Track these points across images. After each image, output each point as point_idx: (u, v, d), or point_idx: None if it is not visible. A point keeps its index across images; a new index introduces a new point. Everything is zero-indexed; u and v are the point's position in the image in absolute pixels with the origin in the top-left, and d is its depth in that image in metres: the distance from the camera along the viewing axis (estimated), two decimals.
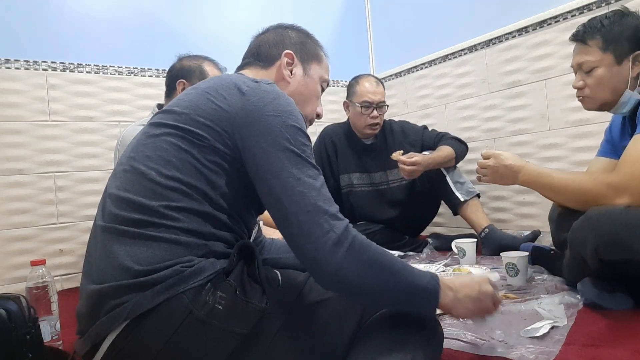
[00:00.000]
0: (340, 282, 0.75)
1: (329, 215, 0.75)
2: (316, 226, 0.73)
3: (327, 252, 0.73)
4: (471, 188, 2.10)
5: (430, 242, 2.21)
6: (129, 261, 0.72)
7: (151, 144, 0.81)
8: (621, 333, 1.03)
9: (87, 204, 2.14)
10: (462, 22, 2.47)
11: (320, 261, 0.73)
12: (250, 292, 0.74)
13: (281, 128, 0.79)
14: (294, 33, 1.04)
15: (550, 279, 1.48)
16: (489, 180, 1.36)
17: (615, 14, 1.26)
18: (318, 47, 1.06)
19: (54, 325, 1.24)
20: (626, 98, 1.23)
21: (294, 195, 0.75)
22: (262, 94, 0.83)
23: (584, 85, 1.30)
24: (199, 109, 0.82)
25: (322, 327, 0.81)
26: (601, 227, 1.07)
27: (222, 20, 2.52)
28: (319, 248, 0.73)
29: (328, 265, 0.73)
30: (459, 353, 0.98)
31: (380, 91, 2.20)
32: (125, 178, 0.80)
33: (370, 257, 0.75)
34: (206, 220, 0.78)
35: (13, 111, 1.99)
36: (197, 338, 0.70)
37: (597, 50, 1.25)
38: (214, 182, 0.79)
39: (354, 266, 0.74)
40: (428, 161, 2.05)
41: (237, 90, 0.83)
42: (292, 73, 1.00)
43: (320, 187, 0.77)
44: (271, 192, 0.77)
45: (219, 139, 0.80)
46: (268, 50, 1.01)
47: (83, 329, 0.74)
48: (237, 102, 0.82)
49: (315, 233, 0.73)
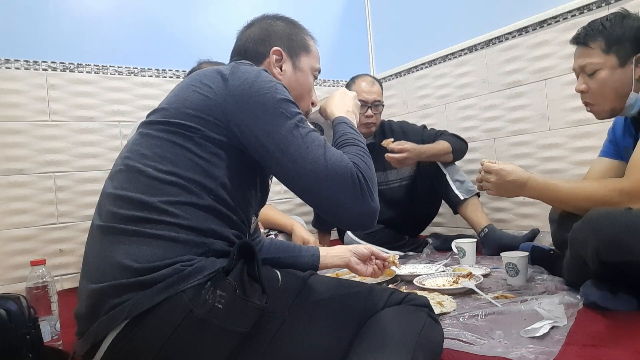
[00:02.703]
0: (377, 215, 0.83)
1: (344, 165, 0.81)
2: (346, 177, 0.80)
3: (366, 193, 0.81)
4: (471, 187, 2.10)
5: (430, 242, 2.21)
6: (128, 260, 0.71)
7: (145, 143, 0.81)
8: (621, 333, 1.03)
9: (87, 204, 2.13)
10: (462, 22, 2.47)
11: (365, 204, 0.81)
12: (250, 291, 0.74)
13: (273, 104, 0.82)
14: (280, 24, 1.03)
15: (550, 279, 1.48)
16: (493, 194, 1.34)
17: (616, 16, 1.25)
18: (306, 36, 1.05)
19: (54, 325, 1.24)
20: (632, 100, 1.22)
21: (307, 165, 0.79)
22: (243, 74, 0.84)
23: (587, 88, 1.28)
24: (186, 101, 0.83)
25: (322, 326, 0.81)
26: (602, 228, 1.07)
27: (222, 20, 2.51)
28: (358, 194, 0.80)
29: (372, 206, 0.82)
30: (459, 353, 0.98)
31: (376, 90, 2.19)
32: (122, 177, 0.80)
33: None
34: (207, 213, 0.78)
35: (13, 111, 1.99)
36: (197, 337, 0.70)
37: (600, 52, 1.23)
38: (211, 173, 0.80)
39: None
40: (419, 150, 2.03)
41: (220, 77, 0.84)
42: (282, 70, 1.00)
43: (326, 147, 0.82)
44: (286, 170, 0.81)
45: (213, 127, 0.81)
46: (255, 47, 1.01)
47: (82, 329, 0.74)
48: (222, 89, 0.83)
49: (348, 182, 0.80)
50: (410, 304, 0.86)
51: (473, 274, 1.51)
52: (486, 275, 1.60)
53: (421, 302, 0.88)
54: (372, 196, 0.82)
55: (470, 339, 1.03)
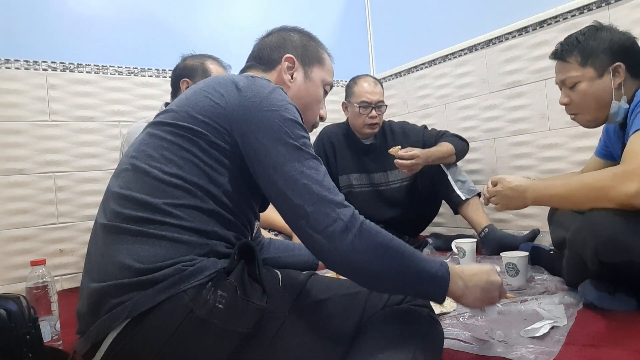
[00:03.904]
0: (351, 267, 0.77)
1: (334, 204, 0.76)
2: (323, 216, 0.75)
3: (336, 239, 0.74)
4: (472, 187, 2.11)
5: (430, 242, 2.21)
6: (130, 259, 0.72)
7: (152, 143, 0.82)
8: (621, 333, 1.03)
9: (87, 204, 2.14)
10: (462, 22, 2.47)
11: (331, 249, 0.75)
12: (251, 292, 0.74)
13: (279, 122, 0.80)
14: (296, 36, 1.04)
15: (550, 279, 1.48)
16: (500, 207, 1.35)
17: (590, 30, 1.30)
18: (321, 49, 1.06)
19: (54, 325, 1.24)
20: (615, 109, 1.25)
21: (298, 188, 0.76)
22: (257, 89, 0.84)
23: (570, 101, 1.32)
24: (197, 106, 0.83)
25: (322, 326, 0.81)
26: (600, 228, 1.07)
27: (222, 20, 2.52)
28: (328, 236, 0.75)
29: (338, 251, 0.75)
30: (459, 353, 0.98)
31: (379, 91, 2.20)
32: (128, 177, 0.80)
33: (379, 242, 0.77)
34: (210, 217, 0.78)
35: (13, 111, 1.99)
36: (197, 337, 0.70)
37: (577, 66, 1.28)
38: (216, 179, 0.80)
39: (363, 251, 0.75)
40: (427, 154, 2.04)
41: (234, 87, 0.85)
42: (293, 77, 1.00)
43: (323, 178, 0.79)
44: (275, 187, 0.78)
45: (218, 135, 0.81)
46: (269, 53, 1.01)
47: (83, 328, 0.74)
48: (234, 99, 0.83)
49: (323, 222, 0.75)
50: (410, 304, 0.87)
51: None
52: None
53: (421, 302, 0.88)
54: (343, 244, 0.75)
55: (470, 339, 1.04)
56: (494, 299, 0.90)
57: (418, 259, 0.79)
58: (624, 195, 1.04)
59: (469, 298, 0.85)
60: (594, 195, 1.11)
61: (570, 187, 1.16)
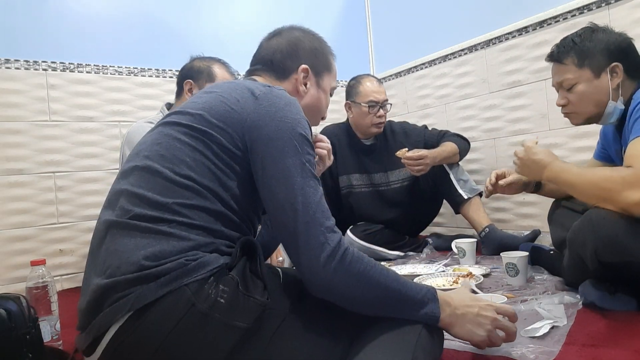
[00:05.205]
0: (330, 292, 0.79)
1: (325, 228, 0.78)
2: (312, 238, 0.77)
3: (320, 263, 0.76)
4: (474, 186, 2.11)
5: (430, 242, 2.21)
6: (136, 256, 0.72)
7: (165, 144, 0.83)
8: (621, 333, 1.03)
9: (87, 204, 2.14)
10: (462, 22, 2.47)
11: (313, 271, 0.77)
12: (252, 287, 0.75)
13: (290, 135, 0.82)
14: (306, 40, 1.05)
15: (550, 279, 1.48)
16: (519, 172, 1.37)
17: (585, 31, 1.30)
18: (329, 54, 1.09)
19: (54, 325, 1.24)
20: (610, 109, 1.26)
21: (296, 204, 0.78)
22: (274, 99, 0.86)
23: (567, 102, 1.33)
24: (212, 110, 0.84)
25: (323, 324, 0.82)
26: (601, 229, 1.07)
27: (223, 19, 2.52)
28: (312, 258, 0.77)
29: (319, 276, 0.77)
30: (459, 353, 0.98)
31: (383, 90, 2.22)
32: (139, 176, 0.81)
33: (361, 271, 0.78)
34: (217, 218, 0.79)
35: (13, 111, 1.99)
36: (198, 331, 0.71)
37: (574, 67, 1.28)
38: (225, 183, 0.81)
39: (344, 279, 0.77)
40: (434, 155, 2.05)
41: (250, 94, 0.86)
42: (307, 87, 1.03)
43: (320, 200, 0.81)
44: (275, 198, 0.80)
45: (231, 140, 0.82)
46: (282, 60, 1.02)
47: (84, 323, 0.74)
48: (250, 106, 0.85)
49: (310, 244, 0.77)
50: None
51: (473, 274, 1.51)
52: (486, 275, 1.60)
53: None
54: (325, 269, 0.76)
55: None
56: (494, 340, 0.86)
57: (401, 286, 0.81)
58: (627, 202, 1.04)
59: (458, 327, 0.84)
60: (602, 195, 1.11)
61: (582, 179, 1.16)
